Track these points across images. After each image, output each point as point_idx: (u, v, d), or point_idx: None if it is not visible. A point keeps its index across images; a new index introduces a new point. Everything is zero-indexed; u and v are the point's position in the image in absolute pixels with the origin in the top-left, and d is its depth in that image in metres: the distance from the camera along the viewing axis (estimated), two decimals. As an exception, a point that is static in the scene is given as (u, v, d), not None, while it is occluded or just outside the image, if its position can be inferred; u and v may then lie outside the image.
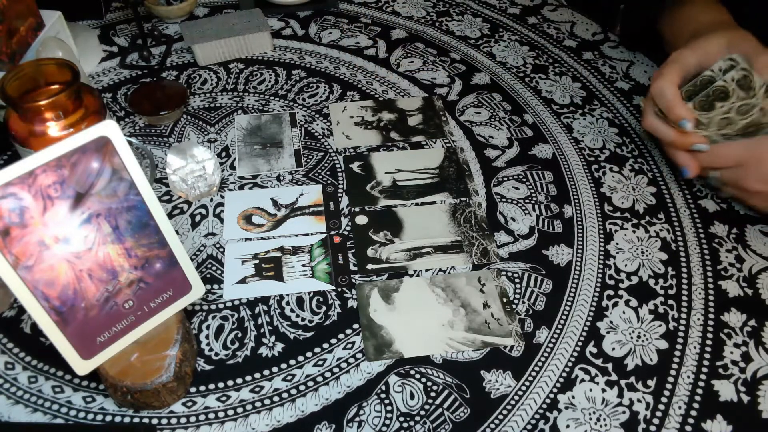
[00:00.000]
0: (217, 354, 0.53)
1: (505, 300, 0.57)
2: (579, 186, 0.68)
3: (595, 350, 0.54)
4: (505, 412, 0.50)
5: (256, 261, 0.59)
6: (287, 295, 0.57)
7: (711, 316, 0.56)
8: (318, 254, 0.60)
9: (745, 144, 0.59)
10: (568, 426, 0.49)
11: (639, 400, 0.51)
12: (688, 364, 0.53)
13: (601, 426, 0.49)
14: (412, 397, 0.51)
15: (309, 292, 0.57)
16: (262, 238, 0.61)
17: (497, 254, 0.61)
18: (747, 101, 0.57)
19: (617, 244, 0.62)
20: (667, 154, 0.65)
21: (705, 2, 0.69)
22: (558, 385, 0.51)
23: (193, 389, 0.51)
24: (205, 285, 0.56)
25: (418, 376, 0.52)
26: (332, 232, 0.62)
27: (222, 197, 0.65)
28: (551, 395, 0.51)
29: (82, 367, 0.45)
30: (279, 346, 0.53)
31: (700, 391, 0.51)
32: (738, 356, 0.53)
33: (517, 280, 0.59)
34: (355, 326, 0.55)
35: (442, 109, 0.76)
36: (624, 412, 0.50)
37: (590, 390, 0.51)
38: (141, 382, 0.46)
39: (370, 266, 0.59)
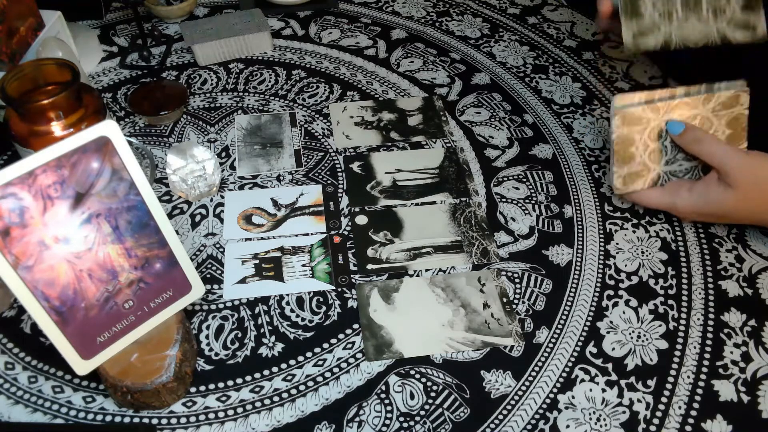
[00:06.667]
0: (217, 354, 0.53)
1: (505, 300, 0.57)
2: (579, 186, 0.68)
3: (595, 350, 0.54)
4: (505, 412, 0.50)
5: (256, 261, 0.59)
6: (287, 295, 0.57)
7: (711, 316, 0.56)
8: (318, 254, 0.60)
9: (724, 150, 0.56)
10: (568, 426, 0.49)
11: (639, 400, 0.51)
12: (688, 364, 0.53)
13: (601, 426, 0.49)
14: (412, 397, 0.50)
15: (309, 292, 0.57)
16: (262, 238, 0.61)
17: (497, 254, 0.61)
18: None
19: (617, 244, 0.62)
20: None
21: None
22: (558, 385, 0.51)
23: (193, 389, 0.51)
24: (205, 285, 0.56)
25: (418, 376, 0.52)
26: (332, 232, 0.62)
27: (222, 197, 0.65)
28: (551, 395, 0.51)
29: (82, 367, 0.45)
30: (279, 346, 0.53)
31: (700, 391, 0.51)
32: (738, 356, 0.53)
33: (517, 280, 0.59)
34: (355, 326, 0.55)
35: (442, 109, 0.76)
36: (624, 412, 0.50)
37: (590, 390, 0.51)
38: (141, 382, 0.46)
39: (370, 266, 0.59)
